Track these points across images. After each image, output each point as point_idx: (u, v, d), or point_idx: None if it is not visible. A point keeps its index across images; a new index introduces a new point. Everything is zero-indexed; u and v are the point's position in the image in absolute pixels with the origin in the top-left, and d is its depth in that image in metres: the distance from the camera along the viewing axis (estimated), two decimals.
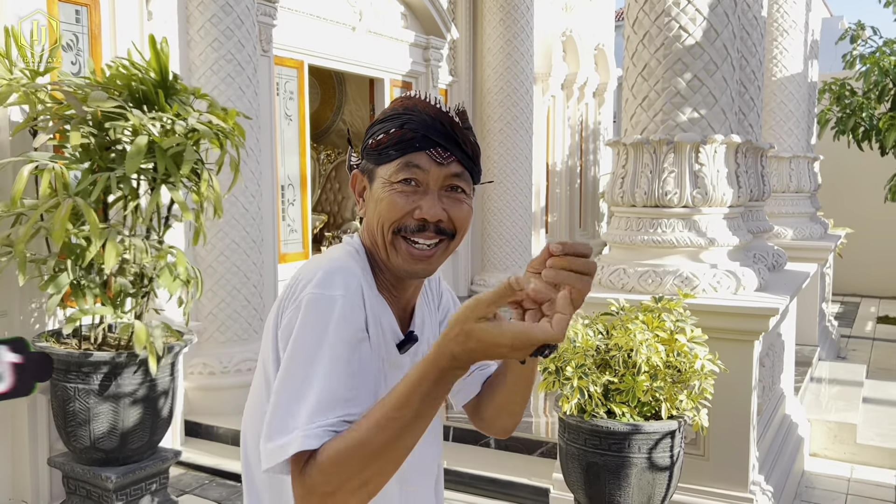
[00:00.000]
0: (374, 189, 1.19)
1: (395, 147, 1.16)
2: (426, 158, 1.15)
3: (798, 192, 6.53)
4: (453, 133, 1.17)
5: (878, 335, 8.63)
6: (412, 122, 1.16)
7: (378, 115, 1.21)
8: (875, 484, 4.27)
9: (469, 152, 1.19)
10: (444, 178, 1.17)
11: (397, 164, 1.16)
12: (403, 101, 1.20)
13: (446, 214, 1.16)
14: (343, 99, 10.00)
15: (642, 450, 2.87)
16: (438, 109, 1.17)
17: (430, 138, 1.15)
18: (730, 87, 3.51)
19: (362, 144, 1.23)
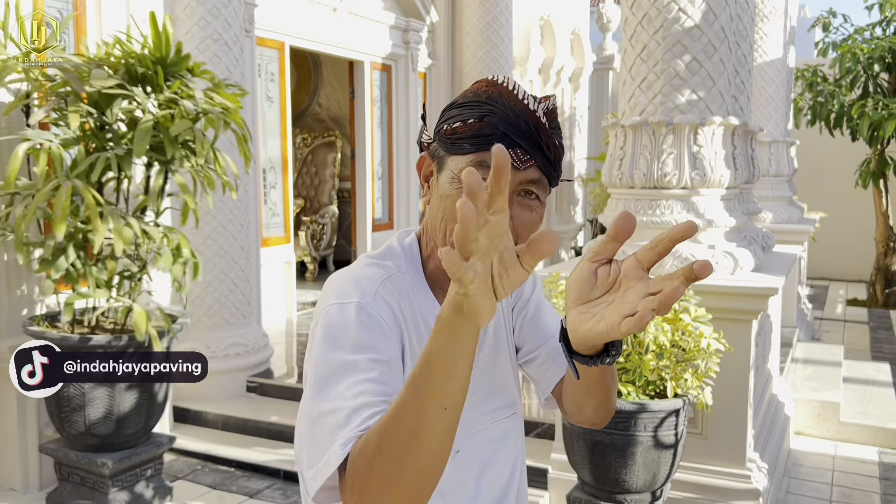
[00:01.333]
0: (442, 181, 1.09)
1: (470, 140, 1.05)
2: None
3: (777, 176, 6.63)
4: (538, 135, 1.05)
5: (849, 317, 8.83)
6: (493, 116, 1.05)
7: (459, 98, 1.11)
8: (859, 460, 4.37)
9: (552, 157, 1.07)
10: (518, 184, 1.06)
11: (469, 159, 1.05)
12: (489, 86, 1.08)
13: (512, 224, 1.04)
14: (319, 82, 9.90)
15: (648, 428, 2.90)
16: (525, 106, 1.05)
17: (509, 137, 1.04)
18: (727, 69, 3.54)
19: (437, 126, 1.12)
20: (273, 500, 3.77)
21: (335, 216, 9.33)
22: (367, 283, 1.06)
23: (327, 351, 0.99)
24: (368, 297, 1.04)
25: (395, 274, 1.11)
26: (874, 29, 9.28)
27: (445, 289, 1.14)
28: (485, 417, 1.18)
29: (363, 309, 1.02)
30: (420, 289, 1.13)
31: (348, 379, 0.96)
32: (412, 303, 1.11)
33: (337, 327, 1.01)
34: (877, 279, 9.52)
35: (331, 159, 9.52)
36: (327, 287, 1.09)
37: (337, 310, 1.03)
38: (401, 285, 1.11)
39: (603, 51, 11.52)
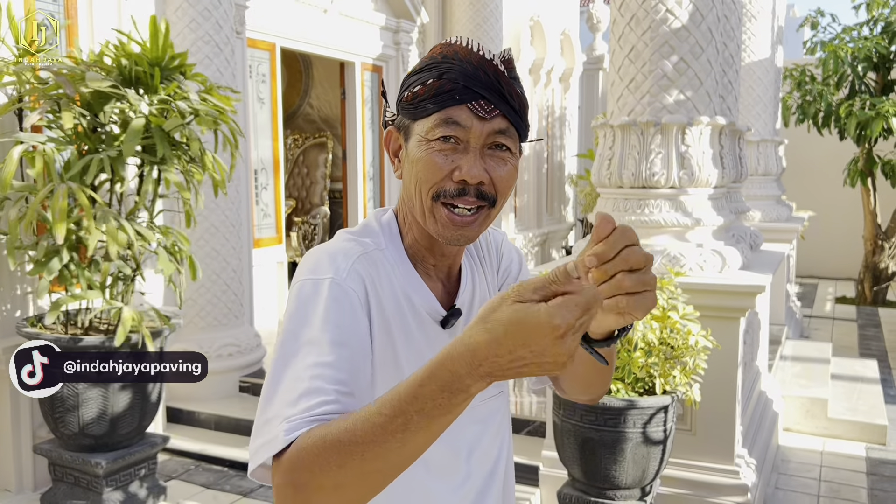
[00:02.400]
0: (410, 148, 1.07)
1: (432, 100, 1.03)
2: (467, 113, 1.02)
3: (766, 175, 6.69)
4: (498, 83, 1.03)
5: (838, 315, 8.90)
6: (451, 72, 1.02)
7: (414, 67, 1.09)
8: (847, 456, 4.43)
9: (515, 106, 1.05)
10: (486, 135, 1.04)
11: (435, 119, 1.03)
12: (442, 48, 1.07)
13: (488, 176, 1.04)
14: (310, 83, 9.91)
15: (637, 424, 2.94)
16: (481, 57, 1.03)
17: (471, 90, 1.02)
18: (714, 70, 3.58)
19: (398, 98, 1.11)
20: (267, 498, 3.79)
21: (327, 217, 9.35)
22: (342, 259, 1.05)
23: (296, 326, 0.99)
24: (343, 273, 1.03)
25: (373, 251, 1.09)
26: (861, 29, 9.36)
27: (426, 263, 1.14)
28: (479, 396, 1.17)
29: (337, 285, 1.01)
30: (402, 265, 1.11)
31: (308, 358, 0.95)
32: (392, 280, 1.09)
33: (308, 303, 1.00)
34: (865, 277, 9.60)
35: (322, 160, 9.54)
36: (304, 262, 1.08)
37: (311, 285, 1.02)
38: (379, 262, 1.09)
39: (593, 51, 11.57)
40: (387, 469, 0.86)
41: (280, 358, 0.98)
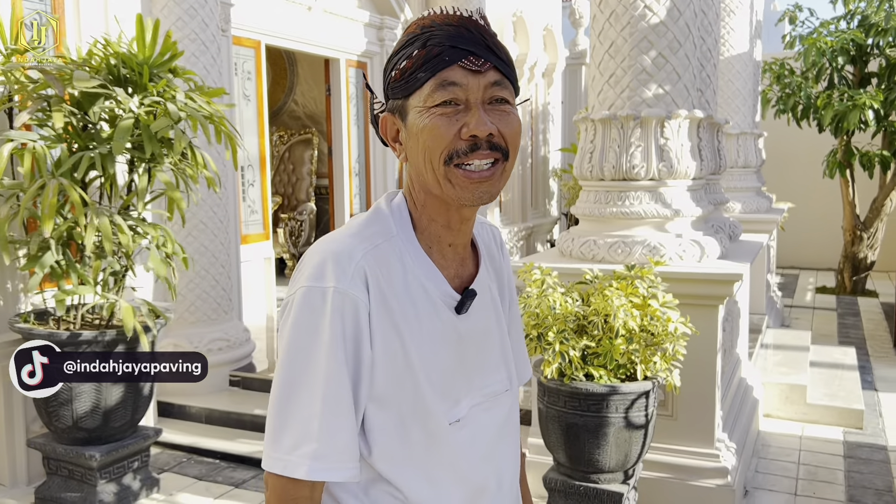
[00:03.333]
0: (410, 123, 1.06)
1: (422, 69, 1.03)
2: (460, 71, 1.02)
3: (745, 167, 6.80)
4: (482, 37, 1.04)
5: (818, 304, 9.05)
6: (435, 37, 1.03)
7: (394, 48, 1.09)
8: (825, 440, 4.54)
9: (503, 56, 1.06)
10: (484, 89, 1.04)
11: (430, 86, 1.03)
12: (418, 22, 1.08)
13: (496, 128, 1.03)
14: (295, 80, 9.95)
15: (619, 410, 3.03)
16: (460, 16, 1.05)
17: (458, 48, 1.02)
18: (692, 64, 3.67)
19: (384, 83, 1.11)
20: (258, 489, 3.86)
21: (313, 213, 9.40)
22: (346, 262, 1.03)
23: (302, 344, 1.03)
24: (346, 279, 1.02)
25: (383, 243, 1.07)
26: (839, 22, 9.50)
27: (443, 244, 1.13)
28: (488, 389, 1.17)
29: (340, 293, 1.02)
30: (414, 252, 1.09)
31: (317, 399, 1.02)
32: (405, 269, 1.08)
33: (313, 316, 1.02)
34: (844, 267, 9.76)
35: (308, 156, 9.59)
36: (307, 259, 1.07)
37: (316, 295, 1.02)
38: (387, 254, 1.07)
39: (576, 46, 11.66)
40: None
41: (290, 373, 1.03)
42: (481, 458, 1.15)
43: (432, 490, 1.10)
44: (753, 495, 3.78)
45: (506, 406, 1.20)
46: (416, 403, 1.07)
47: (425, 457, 1.09)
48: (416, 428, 1.08)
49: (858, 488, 3.87)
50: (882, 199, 9.37)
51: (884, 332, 7.58)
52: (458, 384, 1.12)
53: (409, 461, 1.08)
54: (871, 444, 4.48)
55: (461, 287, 1.14)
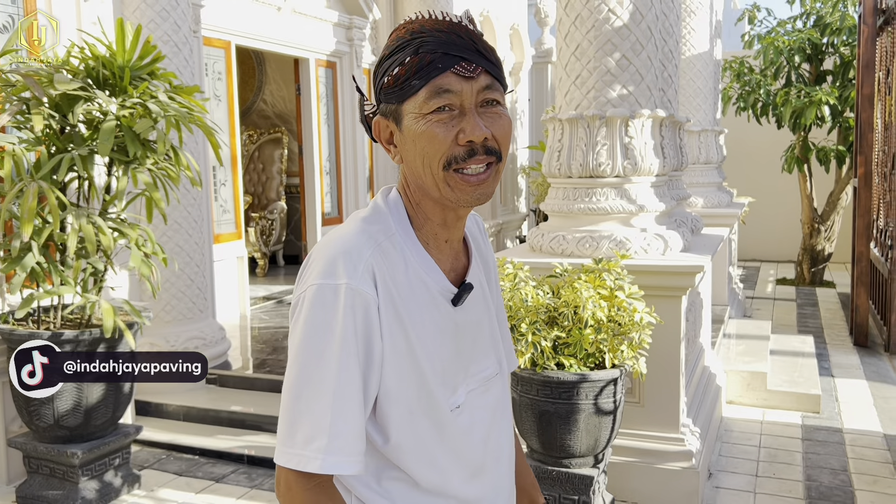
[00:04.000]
0: (406, 128, 1.09)
1: (416, 76, 1.06)
2: (454, 78, 1.06)
3: (707, 163, 7.00)
4: (473, 42, 1.07)
5: (778, 296, 9.32)
6: (427, 44, 1.06)
7: (382, 54, 1.12)
8: (784, 424, 4.74)
9: (493, 59, 1.09)
10: (477, 94, 1.07)
11: (424, 93, 1.06)
12: (406, 26, 1.10)
13: (490, 132, 1.07)
14: (263, 79, 9.98)
15: (589, 397, 3.16)
16: (450, 22, 1.08)
17: (450, 55, 1.05)
18: (654, 65, 3.82)
19: (376, 87, 1.13)
20: (239, 483, 3.94)
21: (284, 212, 9.45)
22: (356, 259, 1.07)
23: (315, 340, 1.06)
24: (357, 276, 1.06)
25: (385, 241, 1.11)
26: (795, 22, 9.78)
27: (439, 241, 1.17)
28: (481, 374, 1.23)
29: (352, 291, 1.05)
30: (413, 248, 1.14)
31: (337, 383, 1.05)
32: (408, 267, 1.12)
33: (326, 313, 1.05)
34: (803, 259, 10.04)
35: (277, 155, 9.63)
36: (317, 256, 1.10)
37: (329, 292, 1.05)
38: (390, 251, 1.11)
39: (542, 45, 11.82)
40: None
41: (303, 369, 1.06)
42: (480, 440, 1.21)
43: (438, 474, 1.16)
44: (717, 477, 3.95)
45: (498, 388, 1.26)
46: (422, 393, 1.12)
47: (431, 443, 1.14)
48: (422, 417, 1.13)
49: (815, 468, 4.06)
50: (838, 193, 9.67)
51: (840, 321, 7.85)
52: (456, 372, 1.17)
53: (418, 448, 1.13)
54: (827, 427, 4.69)
55: (457, 280, 1.19)
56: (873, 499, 3.71)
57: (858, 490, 3.80)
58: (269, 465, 4.13)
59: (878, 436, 4.55)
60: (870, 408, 5.06)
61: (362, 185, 8.49)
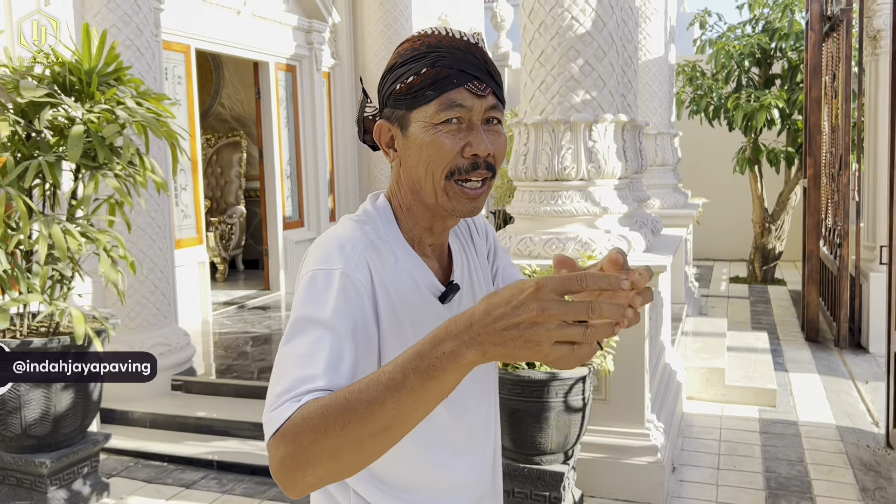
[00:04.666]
0: (413, 134, 1.14)
1: (431, 87, 1.11)
2: (466, 94, 1.12)
3: (663, 165, 7.16)
4: (485, 63, 1.15)
5: (731, 293, 9.56)
6: (444, 59, 1.12)
7: (394, 61, 1.16)
8: (743, 418, 4.89)
9: (498, 81, 1.17)
10: (484, 111, 1.14)
11: (437, 104, 1.12)
12: (422, 39, 1.15)
13: (492, 148, 1.14)
14: (221, 82, 9.90)
15: (559, 395, 3.25)
16: (467, 42, 1.15)
17: (465, 72, 1.12)
18: (615, 71, 3.93)
19: (385, 91, 1.18)
20: (209, 489, 3.93)
21: (243, 216, 9.39)
22: (350, 250, 1.12)
23: (308, 308, 1.06)
24: (352, 264, 1.10)
25: (375, 240, 1.16)
26: (745, 27, 10.06)
27: (423, 244, 1.22)
28: None
29: (346, 276, 1.09)
30: (402, 248, 1.19)
31: (317, 334, 1.03)
32: (398, 264, 1.17)
33: (321, 290, 1.08)
34: (755, 257, 10.32)
35: (236, 159, 9.56)
36: (314, 249, 1.15)
37: (323, 275, 1.09)
38: (382, 249, 1.16)
39: (498, 48, 11.93)
40: (380, 434, 0.91)
41: (291, 337, 1.05)
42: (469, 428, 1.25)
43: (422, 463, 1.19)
44: (681, 471, 4.07)
45: (487, 373, 1.30)
46: None
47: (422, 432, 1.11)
48: None
49: (773, 460, 4.21)
50: (787, 193, 9.96)
51: (792, 317, 8.10)
52: None
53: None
54: (783, 421, 4.85)
55: (444, 279, 1.24)
56: (829, 488, 3.86)
57: (815, 480, 3.95)
58: (240, 471, 4.13)
59: (832, 427, 4.72)
60: (822, 401, 5.25)
61: (323, 188, 8.50)
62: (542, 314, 0.82)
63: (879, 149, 6.58)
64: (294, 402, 0.96)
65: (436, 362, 0.88)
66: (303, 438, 0.92)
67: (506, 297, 0.85)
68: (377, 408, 0.89)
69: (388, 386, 0.89)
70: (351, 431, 0.90)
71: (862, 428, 4.70)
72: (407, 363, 0.89)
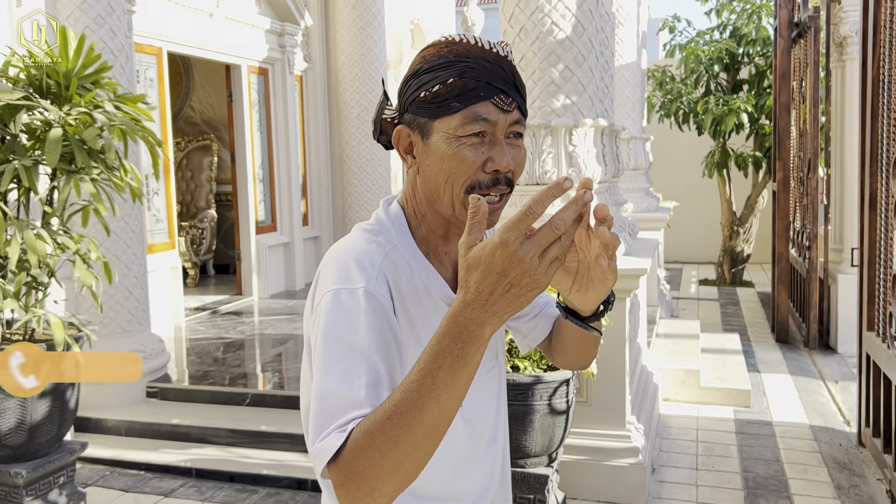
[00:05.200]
0: (434, 144, 1.12)
1: (457, 98, 1.09)
2: (492, 108, 1.10)
3: (636, 169, 7.24)
4: (513, 77, 1.12)
5: (702, 296, 9.68)
6: (472, 70, 1.09)
7: (418, 65, 1.14)
8: (718, 419, 4.96)
9: (524, 95, 1.14)
10: (508, 126, 1.12)
11: (462, 116, 1.09)
12: (450, 46, 1.12)
13: (513, 164, 1.12)
14: (191, 85, 9.80)
15: (543, 397, 3.26)
16: (496, 54, 1.12)
17: (493, 86, 1.10)
18: (595, 76, 3.96)
19: (407, 97, 1.15)
20: (188, 497, 3.88)
21: (214, 220, 9.29)
22: (369, 265, 1.10)
23: (339, 331, 1.04)
24: (373, 280, 1.08)
25: (391, 251, 1.14)
26: (713, 33, 10.21)
27: (439, 252, 1.22)
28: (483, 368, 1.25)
29: (370, 294, 1.06)
30: (416, 258, 1.17)
31: (352, 358, 1.01)
32: (412, 274, 1.15)
33: (349, 313, 1.05)
34: (724, 260, 10.47)
35: (207, 163, 9.46)
36: (329, 264, 1.12)
37: (347, 295, 1.06)
38: (397, 260, 1.14)
39: None
40: (431, 433, 0.92)
41: (326, 363, 1.03)
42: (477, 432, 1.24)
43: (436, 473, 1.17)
44: (660, 472, 4.11)
45: (495, 379, 1.31)
46: None
47: None
48: None
49: (751, 460, 4.27)
50: (755, 197, 10.12)
51: (761, 319, 8.23)
52: None
53: None
54: (758, 421, 4.93)
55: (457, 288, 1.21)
56: (805, 486, 3.93)
57: (791, 479, 4.02)
58: (219, 478, 4.08)
59: (805, 427, 4.81)
60: (795, 401, 5.34)
61: (296, 192, 8.45)
62: (524, 262, 0.85)
63: (846, 153, 6.72)
64: (340, 431, 0.96)
65: (458, 352, 0.90)
66: (362, 467, 0.92)
67: (483, 269, 0.87)
68: (420, 414, 0.91)
69: (422, 391, 0.91)
70: (404, 443, 0.91)
71: (834, 427, 4.79)
72: (431, 363, 0.91)
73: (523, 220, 0.86)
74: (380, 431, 0.92)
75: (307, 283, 8.65)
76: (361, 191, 8.54)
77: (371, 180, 8.53)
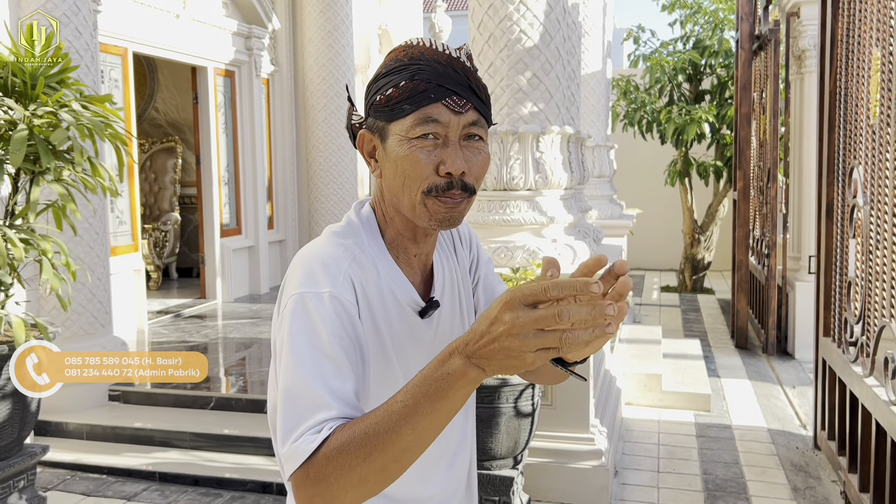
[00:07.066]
0: (390, 147, 1.13)
1: (408, 101, 1.10)
2: (443, 110, 1.10)
3: (600, 177, 7.34)
4: (467, 79, 1.12)
5: (663, 302, 9.83)
6: (423, 73, 1.10)
7: (380, 69, 1.15)
8: (679, 423, 5.05)
9: (483, 97, 1.14)
10: (462, 128, 1.11)
11: (413, 118, 1.10)
12: (406, 50, 1.14)
13: (467, 166, 1.11)
14: (155, 87, 9.70)
15: (509, 400, 3.30)
16: (449, 56, 1.12)
17: (444, 87, 1.10)
18: (562, 84, 4.03)
19: (367, 101, 1.17)
20: (152, 500, 3.84)
21: (177, 223, 9.20)
22: (335, 269, 1.10)
23: (304, 335, 1.05)
24: (339, 284, 1.08)
25: (360, 253, 1.15)
26: (677, 43, 10.40)
27: (408, 255, 1.21)
28: None
29: (336, 298, 1.07)
30: (384, 261, 1.18)
31: (318, 361, 1.02)
32: (379, 277, 1.16)
33: (314, 317, 1.05)
34: (685, 267, 10.64)
35: (171, 165, 9.37)
36: (297, 267, 1.13)
37: (312, 298, 1.06)
38: (364, 263, 1.14)
39: None
40: (401, 457, 0.94)
41: (292, 366, 1.03)
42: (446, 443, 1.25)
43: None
44: (623, 474, 4.17)
45: None
46: None
47: None
48: None
49: (710, 462, 4.36)
50: (716, 205, 10.31)
51: (721, 325, 8.38)
52: None
53: None
54: (718, 424, 5.03)
55: (427, 293, 1.24)
56: (763, 488, 4.02)
57: (749, 481, 4.11)
58: (183, 482, 4.05)
59: (763, 430, 4.91)
60: (754, 405, 5.45)
61: (261, 195, 8.41)
62: (514, 326, 0.84)
63: (804, 163, 6.89)
64: (313, 433, 0.97)
65: (443, 384, 0.91)
66: (329, 476, 0.94)
67: (486, 312, 0.89)
68: (395, 436, 0.93)
69: (402, 414, 0.93)
70: (373, 461, 0.93)
71: (791, 431, 4.91)
72: (417, 388, 0.93)
73: (535, 294, 0.84)
74: (354, 444, 0.94)
75: (272, 287, 8.61)
76: (328, 194, 8.53)
77: (338, 184, 8.53)
